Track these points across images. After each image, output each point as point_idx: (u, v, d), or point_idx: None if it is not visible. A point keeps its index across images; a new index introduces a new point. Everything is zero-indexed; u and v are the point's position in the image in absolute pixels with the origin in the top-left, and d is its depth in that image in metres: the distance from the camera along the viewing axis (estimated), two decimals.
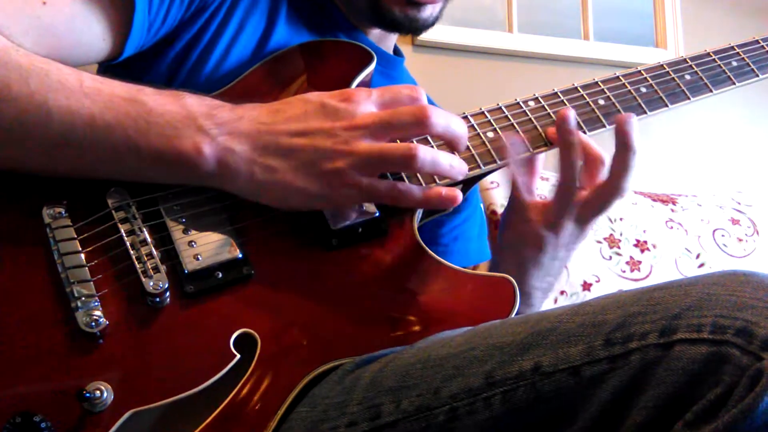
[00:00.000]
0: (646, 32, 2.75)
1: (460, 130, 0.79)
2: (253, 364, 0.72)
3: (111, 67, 0.95)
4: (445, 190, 0.79)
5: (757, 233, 2.05)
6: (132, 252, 0.75)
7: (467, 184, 0.92)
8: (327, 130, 0.74)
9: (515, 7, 2.54)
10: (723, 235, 2.00)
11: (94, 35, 0.85)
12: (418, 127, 0.76)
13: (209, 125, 0.73)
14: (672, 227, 1.97)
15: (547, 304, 1.44)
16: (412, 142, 0.81)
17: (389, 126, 0.75)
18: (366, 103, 0.76)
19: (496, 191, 1.88)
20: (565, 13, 2.69)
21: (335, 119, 0.74)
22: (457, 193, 0.79)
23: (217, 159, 0.73)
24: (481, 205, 1.32)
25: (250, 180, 0.74)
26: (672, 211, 2.02)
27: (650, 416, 0.54)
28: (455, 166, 0.80)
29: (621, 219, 1.93)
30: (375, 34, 1.13)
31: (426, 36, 2.38)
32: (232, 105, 0.77)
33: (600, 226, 1.91)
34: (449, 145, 0.81)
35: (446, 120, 0.78)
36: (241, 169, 0.74)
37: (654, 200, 2.04)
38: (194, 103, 0.75)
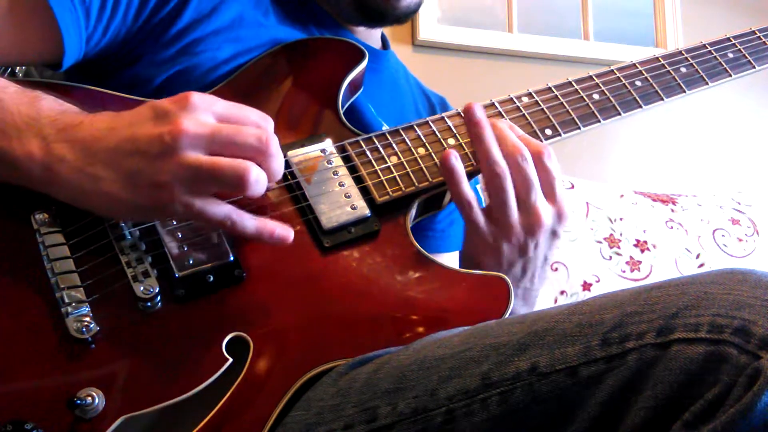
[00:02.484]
0: (646, 32, 2.75)
1: (280, 170, 0.73)
2: (245, 368, 0.72)
3: (83, 75, 0.95)
4: (278, 230, 0.73)
5: (757, 233, 2.04)
6: (122, 256, 0.75)
7: None
8: (153, 135, 0.67)
9: (515, 7, 2.54)
10: (723, 235, 2.00)
11: (19, 39, 0.86)
12: (257, 152, 0.69)
13: (49, 131, 0.71)
14: (672, 227, 1.97)
15: (546, 303, 1.44)
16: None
17: (227, 140, 0.68)
18: (203, 109, 0.69)
19: None
20: (565, 13, 2.69)
21: (163, 123, 0.68)
22: (289, 234, 0.74)
23: (44, 166, 0.70)
24: (478, 187, 1.32)
25: (77, 188, 0.71)
26: (672, 211, 2.01)
27: (648, 416, 0.54)
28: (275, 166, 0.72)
29: (621, 219, 1.93)
30: (360, 30, 1.12)
31: (426, 36, 2.39)
32: (82, 110, 0.74)
33: (600, 226, 1.91)
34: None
35: (280, 157, 0.72)
36: (67, 178, 0.70)
37: (654, 200, 2.04)
38: (47, 107, 0.73)
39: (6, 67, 0.97)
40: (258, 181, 0.69)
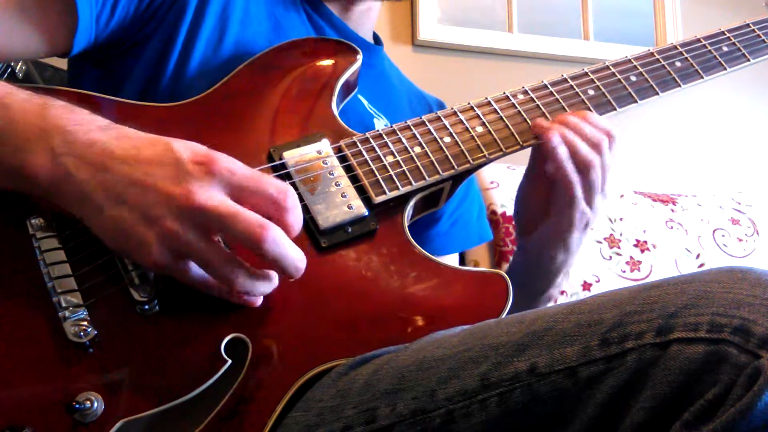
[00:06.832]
0: (646, 32, 2.75)
1: (292, 265, 0.70)
2: (244, 369, 0.71)
3: (89, 63, 0.96)
4: (245, 298, 0.74)
5: (757, 233, 2.04)
6: (118, 260, 0.74)
7: (457, 179, 0.91)
8: (163, 193, 0.67)
9: (515, 7, 2.54)
10: (723, 235, 2.00)
11: (31, 26, 0.86)
12: (247, 244, 0.68)
13: (58, 143, 0.70)
14: (672, 227, 1.96)
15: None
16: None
17: (220, 227, 0.68)
18: (220, 180, 0.68)
19: (496, 191, 1.87)
20: (565, 13, 2.68)
21: (178, 184, 0.67)
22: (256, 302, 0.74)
23: (51, 179, 0.70)
24: (477, 185, 1.31)
25: (78, 208, 0.71)
26: (672, 211, 2.01)
27: (648, 417, 0.54)
28: (259, 290, 0.73)
29: (621, 219, 1.93)
30: (350, 15, 1.13)
31: (426, 36, 2.39)
32: (97, 126, 0.72)
33: (600, 226, 1.91)
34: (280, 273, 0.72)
35: (283, 251, 0.69)
36: (72, 195, 0.70)
37: (654, 200, 2.03)
38: (57, 116, 0.72)
39: (14, 60, 0.96)
40: (240, 283, 0.70)
